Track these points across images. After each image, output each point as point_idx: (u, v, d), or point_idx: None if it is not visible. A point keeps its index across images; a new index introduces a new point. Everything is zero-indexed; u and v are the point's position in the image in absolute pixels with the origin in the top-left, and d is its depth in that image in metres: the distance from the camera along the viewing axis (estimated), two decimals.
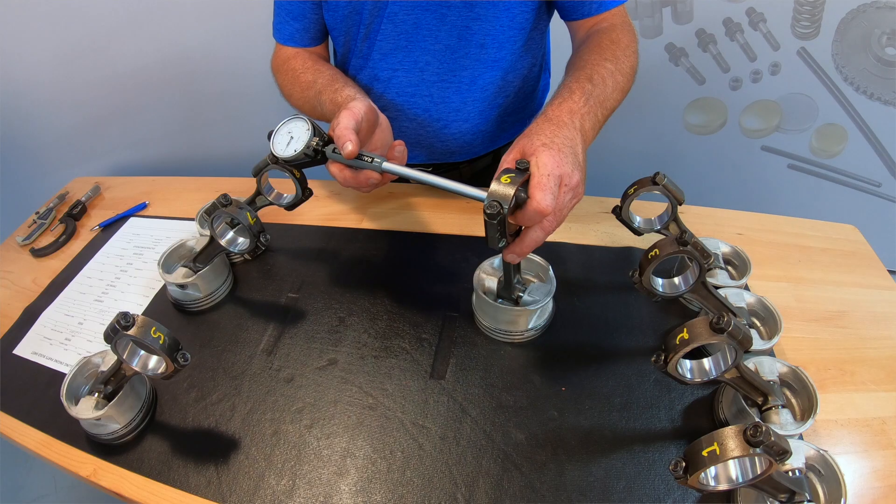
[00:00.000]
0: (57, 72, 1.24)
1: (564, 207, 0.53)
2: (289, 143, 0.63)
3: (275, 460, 0.55)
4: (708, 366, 0.49)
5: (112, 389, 0.57)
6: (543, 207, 0.49)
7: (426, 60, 0.79)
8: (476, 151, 0.90)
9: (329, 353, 0.66)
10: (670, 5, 1.40)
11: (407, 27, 0.76)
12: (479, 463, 0.54)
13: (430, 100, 0.82)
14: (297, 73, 0.81)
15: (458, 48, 0.77)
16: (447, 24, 0.75)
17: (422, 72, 0.80)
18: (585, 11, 0.76)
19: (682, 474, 0.41)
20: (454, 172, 0.94)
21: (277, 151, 0.64)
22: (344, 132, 0.58)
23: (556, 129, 0.54)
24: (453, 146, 0.88)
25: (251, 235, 0.67)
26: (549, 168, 0.50)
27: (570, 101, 0.59)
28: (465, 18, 0.74)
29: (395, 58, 0.79)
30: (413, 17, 0.75)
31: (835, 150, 1.51)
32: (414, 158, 0.91)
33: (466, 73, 0.80)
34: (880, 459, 0.53)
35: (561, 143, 0.53)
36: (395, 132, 0.84)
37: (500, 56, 0.79)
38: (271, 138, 0.65)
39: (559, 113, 0.57)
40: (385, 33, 0.77)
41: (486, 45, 0.77)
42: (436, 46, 0.77)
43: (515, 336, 0.65)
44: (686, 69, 1.49)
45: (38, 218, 0.95)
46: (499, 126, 0.88)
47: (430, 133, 0.86)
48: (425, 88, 0.81)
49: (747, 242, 0.76)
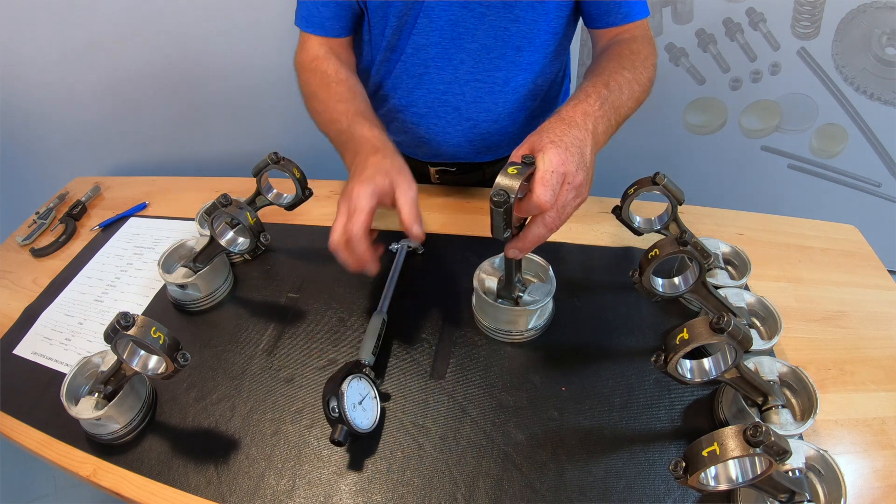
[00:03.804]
0: (57, 72, 1.24)
1: (567, 205, 0.53)
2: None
3: (275, 460, 0.55)
4: (708, 366, 0.49)
5: (112, 389, 0.57)
6: (543, 202, 0.49)
7: (461, 59, 0.78)
8: (501, 152, 0.90)
9: (329, 353, 0.66)
10: (670, 5, 1.40)
11: (443, 23, 0.75)
12: (479, 463, 0.54)
13: (462, 98, 0.81)
14: (328, 79, 0.76)
15: (495, 48, 0.77)
16: (485, 23, 0.75)
17: (456, 70, 0.79)
18: (611, 21, 0.77)
19: (682, 474, 0.41)
20: (478, 173, 0.94)
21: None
22: (411, 220, 0.58)
23: (567, 129, 0.54)
24: (480, 146, 0.87)
25: (251, 235, 0.67)
26: (553, 164, 0.50)
27: (586, 104, 0.59)
28: (503, 19, 0.74)
29: (429, 53, 0.78)
30: (450, 14, 0.74)
31: (835, 150, 1.51)
32: (438, 157, 0.90)
33: (501, 74, 0.79)
34: (880, 459, 0.53)
35: (569, 142, 0.53)
36: (424, 129, 0.85)
37: (535, 59, 0.79)
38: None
39: (573, 114, 0.57)
40: (420, 27, 0.76)
41: (522, 48, 0.77)
42: (472, 45, 0.77)
43: (515, 336, 0.65)
44: (686, 69, 1.49)
45: (38, 218, 0.95)
46: (524, 128, 0.88)
47: (460, 132, 0.85)
48: (458, 87, 0.80)
49: (747, 242, 0.76)
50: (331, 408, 0.53)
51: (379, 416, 0.57)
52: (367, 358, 0.60)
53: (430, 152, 0.90)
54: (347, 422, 0.52)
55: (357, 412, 0.54)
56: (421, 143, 0.89)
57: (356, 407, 0.54)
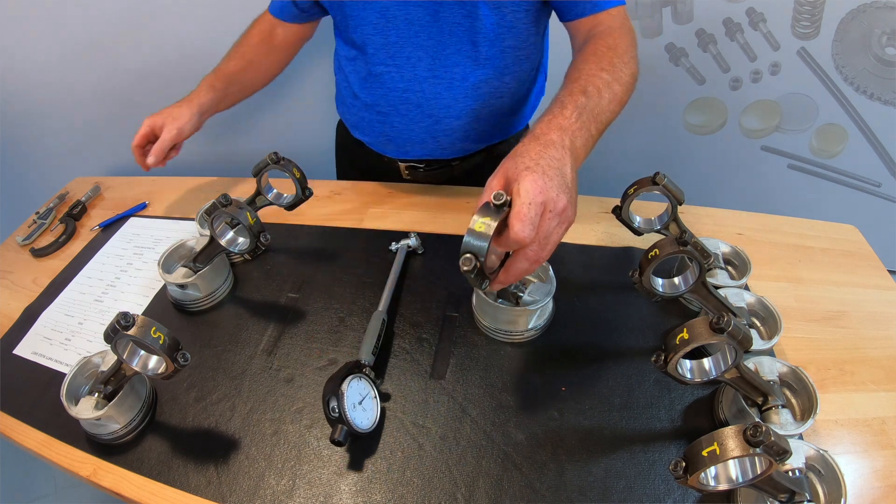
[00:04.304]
0: (57, 72, 1.24)
1: (551, 234, 0.50)
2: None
3: (275, 460, 0.55)
4: (708, 366, 0.49)
5: (112, 389, 0.57)
6: (521, 238, 0.46)
7: (419, 56, 0.79)
8: (468, 149, 0.91)
9: (329, 353, 0.66)
10: (670, 5, 1.40)
11: (399, 21, 0.76)
12: (479, 463, 0.54)
13: (421, 95, 0.82)
14: (241, 40, 0.94)
15: (451, 44, 0.78)
16: (440, 20, 0.75)
17: (414, 67, 0.80)
18: (580, 11, 0.75)
19: (682, 474, 0.41)
20: (446, 170, 0.94)
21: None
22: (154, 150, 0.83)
23: (543, 150, 0.51)
24: (445, 142, 0.88)
25: (251, 235, 0.67)
26: (531, 195, 0.47)
27: (561, 117, 0.56)
28: (457, 15, 0.75)
29: (388, 52, 0.80)
30: (406, 12, 0.75)
31: (835, 150, 1.51)
32: (407, 154, 0.91)
33: (458, 70, 0.80)
34: (880, 459, 0.53)
35: (546, 164, 0.50)
36: (389, 127, 0.87)
37: (492, 54, 0.79)
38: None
39: (548, 130, 0.54)
40: (378, 27, 0.78)
41: (478, 44, 0.78)
42: (429, 42, 0.78)
43: (515, 336, 0.65)
44: (686, 69, 1.49)
45: (38, 218, 0.95)
46: (492, 125, 0.88)
47: (423, 129, 0.86)
48: (417, 84, 0.81)
49: (747, 242, 0.76)
50: (331, 408, 0.53)
51: (379, 416, 0.57)
52: (367, 358, 0.60)
53: (398, 149, 0.91)
54: (347, 422, 0.52)
55: (357, 412, 0.54)
56: (388, 141, 0.90)
57: (356, 407, 0.54)
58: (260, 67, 0.94)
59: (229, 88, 0.91)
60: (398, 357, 0.65)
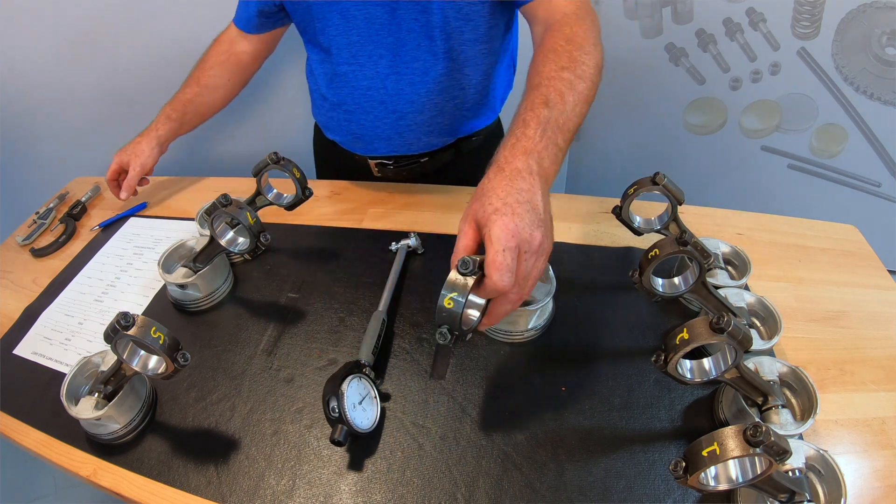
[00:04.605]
0: (57, 72, 1.24)
1: (530, 273, 0.48)
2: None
3: (275, 460, 0.55)
4: (708, 366, 0.49)
5: (112, 389, 0.57)
6: (500, 287, 0.45)
7: (380, 54, 0.80)
8: (434, 143, 0.92)
9: (329, 353, 0.66)
10: (670, 5, 1.40)
11: (359, 21, 0.78)
12: (479, 463, 0.54)
13: (384, 92, 0.83)
14: (199, 63, 0.97)
15: (409, 40, 0.79)
16: (398, 17, 0.76)
17: (376, 65, 0.81)
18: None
19: (682, 474, 0.41)
20: (415, 167, 0.95)
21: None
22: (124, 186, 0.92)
23: (510, 184, 0.49)
24: (410, 138, 0.89)
25: (251, 235, 0.67)
26: (503, 241, 0.45)
27: (525, 139, 0.52)
28: (413, 10, 0.76)
29: (351, 52, 0.81)
30: (365, 11, 0.77)
31: (835, 150, 1.51)
32: (375, 151, 0.92)
33: (419, 65, 0.81)
34: (880, 459, 0.53)
35: (515, 201, 0.47)
36: (356, 125, 0.89)
37: (450, 48, 0.80)
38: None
39: (513, 157, 0.51)
40: (339, 27, 0.79)
41: (434, 38, 0.78)
42: (388, 40, 0.79)
43: (515, 336, 0.65)
44: (686, 69, 1.49)
45: (38, 218, 0.95)
46: (457, 118, 0.89)
47: (388, 125, 0.87)
48: (379, 81, 0.83)
49: (747, 242, 0.76)
50: (331, 408, 0.53)
51: (379, 416, 0.57)
52: (366, 358, 0.60)
53: (366, 147, 0.92)
54: (347, 422, 0.52)
55: (357, 412, 0.54)
56: (356, 139, 0.92)
57: (356, 407, 0.54)
58: (216, 90, 0.97)
59: (186, 116, 0.95)
60: (398, 357, 0.65)
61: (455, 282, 0.45)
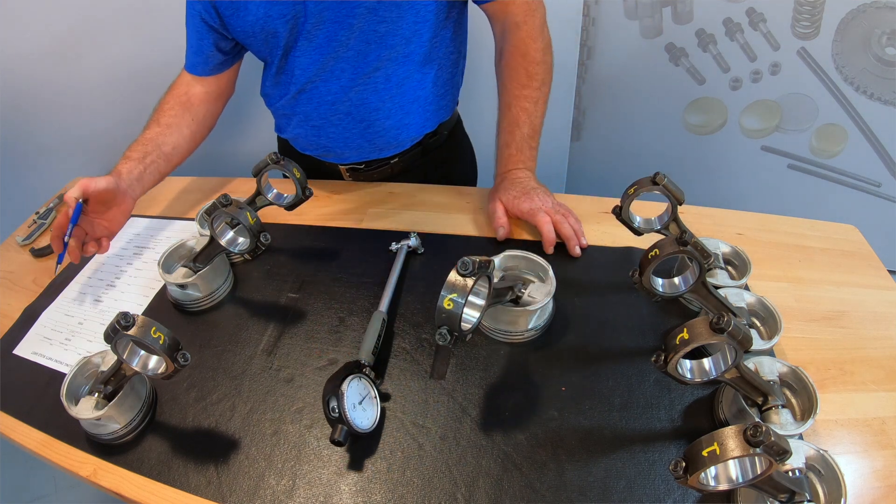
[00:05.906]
0: (58, 72, 1.24)
1: (548, 205, 0.78)
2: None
3: (275, 460, 0.55)
4: (708, 366, 0.49)
5: (112, 389, 0.57)
6: (546, 210, 0.77)
7: (341, 68, 0.82)
8: (404, 144, 0.93)
9: (329, 353, 0.66)
10: (670, 5, 1.40)
11: (321, 41, 0.79)
12: (479, 463, 0.54)
13: (350, 104, 0.85)
14: (157, 107, 0.90)
15: (369, 52, 0.80)
16: (356, 32, 0.78)
17: (339, 80, 0.83)
18: None
19: (682, 474, 0.41)
20: (385, 168, 0.96)
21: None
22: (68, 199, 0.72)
23: (516, 182, 0.82)
24: (380, 143, 0.91)
25: (251, 235, 0.67)
26: (534, 209, 0.78)
27: (513, 159, 0.83)
28: (371, 23, 0.77)
29: (313, 70, 0.83)
30: (326, 32, 0.78)
31: (835, 150, 1.52)
32: (346, 159, 0.94)
33: (380, 74, 0.83)
34: (880, 459, 0.53)
35: (522, 190, 0.80)
36: (325, 138, 0.91)
37: (410, 51, 0.82)
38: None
39: (512, 167, 0.83)
40: (303, 49, 0.81)
41: (394, 46, 0.80)
42: (348, 54, 0.80)
43: (515, 336, 0.65)
44: (686, 69, 1.49)
45: (38, 218, 0.95)
46: (422, 116, 0.91)
47: (356, 134, 0.89)
48: (343, 94, 0.84)
49: (747, 242, 0.76)
50: (331, 408, 0.53)
51: (379, 416, 0.57)
52: (366, 358, 0.60)
53: (338, 156, 0.94)
54: (347, 422, 0.52)
55: (357, 412, 0.54)
56: (327, 151, 0.93)
57: (356, 407, 0.54)
58: (179, 128, 0.87)
59: (148, 157, 0.83)
60: (398, 357, 0.65)
61: (455, 283, 0.47)
